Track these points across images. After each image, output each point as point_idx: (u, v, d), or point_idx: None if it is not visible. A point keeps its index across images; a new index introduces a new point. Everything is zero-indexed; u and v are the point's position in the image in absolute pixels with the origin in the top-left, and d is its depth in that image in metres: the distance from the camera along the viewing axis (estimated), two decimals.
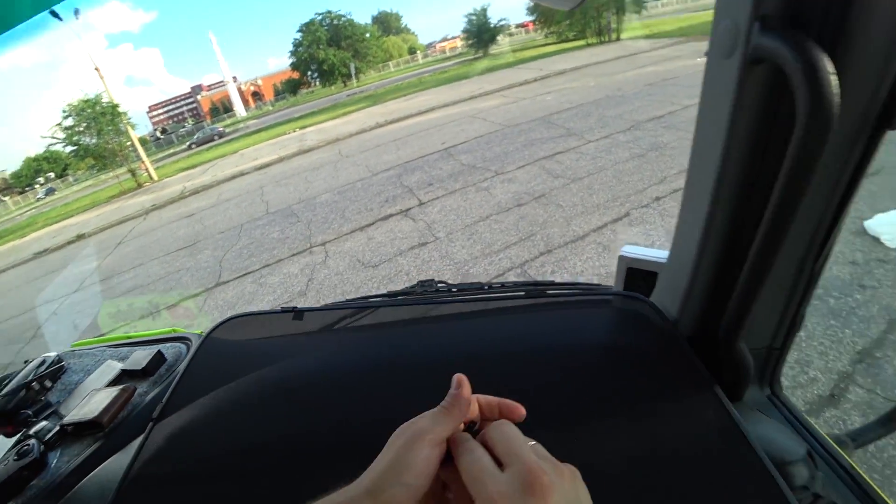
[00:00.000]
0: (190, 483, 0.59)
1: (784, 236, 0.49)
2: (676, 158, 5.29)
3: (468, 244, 4.48)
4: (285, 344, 0.82)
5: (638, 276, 0.89)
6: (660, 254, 0.83)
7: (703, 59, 0.56)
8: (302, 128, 20.04)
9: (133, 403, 0.85)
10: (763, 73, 0.46)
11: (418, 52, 69.78)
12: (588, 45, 25.17)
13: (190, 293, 5.29)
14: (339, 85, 48.64)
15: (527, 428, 0.59)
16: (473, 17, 38.59)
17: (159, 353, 0.97)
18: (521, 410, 0.44)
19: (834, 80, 0.38)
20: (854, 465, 0.63)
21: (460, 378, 0.42)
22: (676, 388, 0.63)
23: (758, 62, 0.45)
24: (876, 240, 3.25)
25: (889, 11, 0.41)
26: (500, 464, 0.36)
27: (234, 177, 12.71)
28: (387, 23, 72.83)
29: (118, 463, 0.69)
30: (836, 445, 0.66)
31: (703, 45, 0.59)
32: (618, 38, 24.49)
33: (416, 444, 0.37)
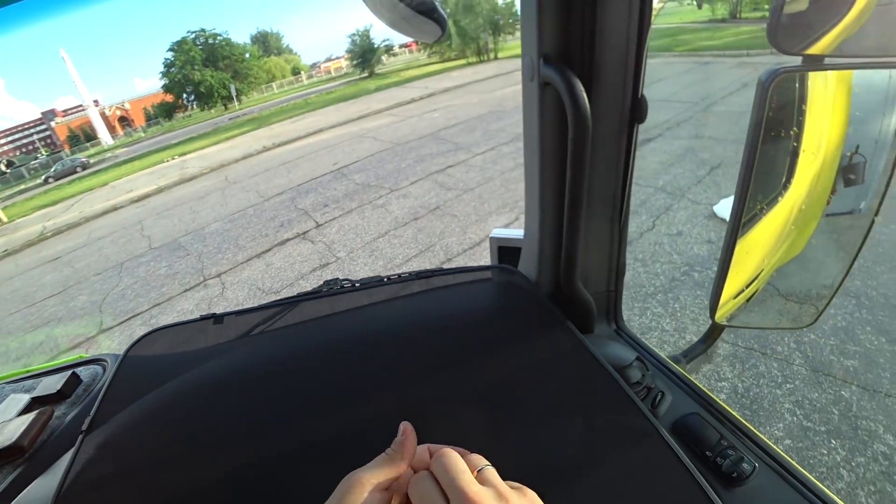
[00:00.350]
0: (128, 489, 0.59)
1: (581, 203, 0.70)
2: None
3: (370, 261, 4.55)
4: (209, 349, 0.84)
5: (508, 252, 1.09)
6: (521, 233, 1.03)
7: None
8: (181, 154, 18.68)
9: (52, 426, 0.82)
10: (552, 92, 0.65)
11: (302, 72, 68.27)
12: (469, 63, 26.52)
13: (65, 348, 4.74)
14: (219, 108, 46.00)
15: (436, 391, 0.72)
16: (357, 38, 38.82)
17: (74, 374, 0.94)
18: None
19: (584, 96, 0.58)
20: (679, 368, 0.84)
21: (406, 427, 0.44)
22: (543, 333, 0.80)
23: (547, 84, 0.64)
24: (724, 220, 3.87)
25: (616, 53, 0.63)
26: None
27: (106, 212, 11.47)
28: (267, 43, 70.46)
29: (46, 482, 0.68)
30: (666, 357, 0.86)
31: None
32: (496, 57, 26.10)
33: (356, 489, 0.39)
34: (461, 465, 0.39)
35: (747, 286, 0.84)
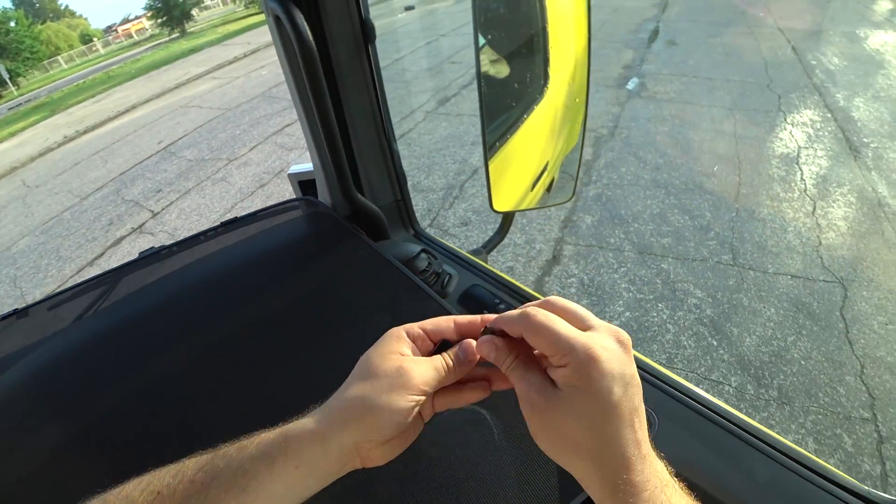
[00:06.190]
0: None
1: (331, 124, 0.78)
2: (393, 108, 5.82)
3: None
4: (23, 349, 0.78)
5: (308, 185, 1.21)
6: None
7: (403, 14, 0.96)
8: None
9: None
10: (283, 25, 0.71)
11: (95, 39, 57.71)
12: None
13: None
14: None
15: (265, 322, 0.77)
16: None
17: None
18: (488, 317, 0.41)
19: (305, 26, 0.66)
20: (469, 255, 0.98)
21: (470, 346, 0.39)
22: (344, 250, 0.90)
23: (278, 17, 0.69)
24: None
25: None
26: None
27: None
28: (37, 5, 57.86)
29: None
30: (457, 248, 1.01)
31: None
32: None
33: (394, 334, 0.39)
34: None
35: (539, 178, 0.97)
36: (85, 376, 0.72)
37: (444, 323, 0.41)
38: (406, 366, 0.36)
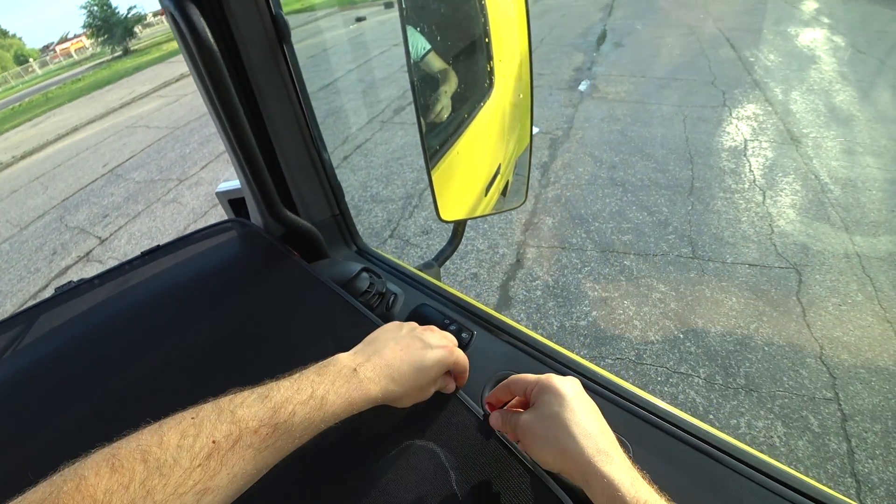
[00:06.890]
0: None
1: (246, 134, 0.69)
2: (349, 119, 5.74)
3: None
4: None
5: (240, 203, 1.09)
6: None
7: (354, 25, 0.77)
8: None
9: None
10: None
11: (31, 59, 54.96)
12: None
13: None
14: None
15: (200, 353, 0.69)
16: (94, 8, 32.17)
17: None
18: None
19: (202, 24, 0.56)
20: (416, 271, 0.92)
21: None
22: (277, 273, 0.83)
23: (173, 19, 0.60)
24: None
25: None
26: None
27: None
28: None
29: None
30: (404, 264, 0.94)
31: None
32: None
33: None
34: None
35: (492, 182, 0.92)
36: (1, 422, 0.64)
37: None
38: (431, 389, 0.56)
